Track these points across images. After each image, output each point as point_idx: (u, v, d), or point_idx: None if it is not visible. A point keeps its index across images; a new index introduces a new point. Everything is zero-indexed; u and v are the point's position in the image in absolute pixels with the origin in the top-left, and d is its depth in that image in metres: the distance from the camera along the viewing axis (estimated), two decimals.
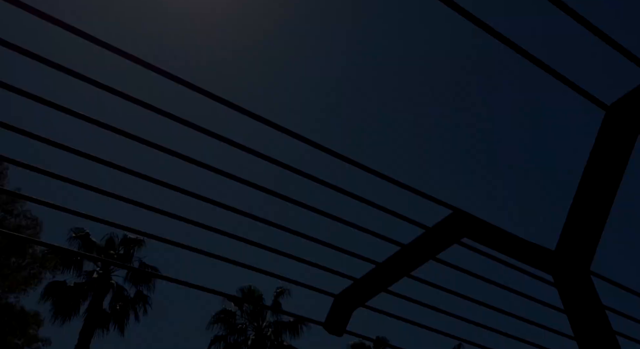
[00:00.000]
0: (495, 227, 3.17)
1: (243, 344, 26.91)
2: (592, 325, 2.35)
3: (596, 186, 2.49)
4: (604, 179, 2.47)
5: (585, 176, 2.56)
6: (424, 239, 3.52)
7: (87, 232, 24.98)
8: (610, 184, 2.48)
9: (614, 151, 2.45)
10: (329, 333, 3.96)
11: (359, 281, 3.85)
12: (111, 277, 24.96)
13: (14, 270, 22.14)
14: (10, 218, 22.02)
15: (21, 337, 21.69)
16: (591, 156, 2.55)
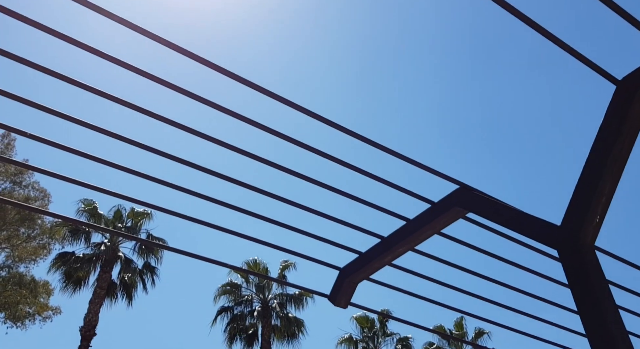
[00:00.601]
0: (500, 202, 3.17)
1: (249, 316, 27.37)
2: (596, 300, 2.37)
3: (604, 161, 2.47)
4: (613, 154, 2.45)
5: (594, 151, 2.54)
6: (429, 213, 3.53)
7: (95, 205, 25.22)
8: (618, 159, 2.46)
9: (623, 125, 2.42)
10: (333, 305, 4.01)
11: (364, 255, 3.88)
12: (119, 249, 25.30)
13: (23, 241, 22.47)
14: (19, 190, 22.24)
15: (32, 305, 22.14)
16: (600, 130, 2.52)
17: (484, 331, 33.89)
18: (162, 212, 3.31)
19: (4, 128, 2.77)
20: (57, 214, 3.48)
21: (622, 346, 2.28)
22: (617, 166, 2.47)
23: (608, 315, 2.33)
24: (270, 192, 3.43)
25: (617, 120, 2.44)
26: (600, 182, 2.47)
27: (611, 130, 2.46)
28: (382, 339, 32.18)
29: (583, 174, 2.57)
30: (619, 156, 2.45)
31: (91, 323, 22.27)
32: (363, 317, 32.03)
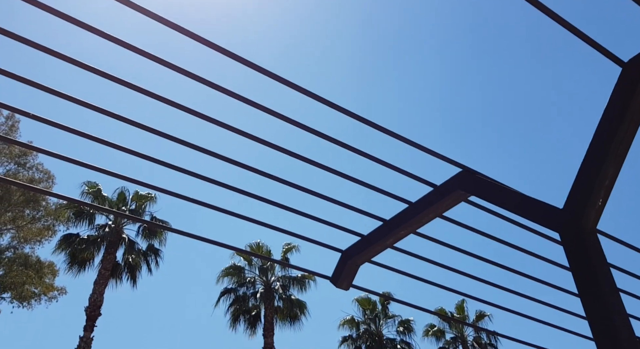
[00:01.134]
0: (503, 185, 3.17)
1: (252, 297, 27.64)
2: (597, 283, 2.38)
3: (608, 143, 2.46)
4: (617, 137, 2.44)
5: (598, 134, 2.53)
6: (432, 197, 3.53)
7: (99, 187, 25.33)
8: (622, 142, 2.45)
9: (628, 108, 2.41)
10: (335, 287, 4.05)
11: (366, 238, 3.90)
12: (123, 231, 25.47)
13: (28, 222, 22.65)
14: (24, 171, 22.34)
15: (38, 285, 22.41)
16: (605, 113, 2.51)
17: (485, 314, 34.17)
18: (165, 194, 3.32)
19: (7, 109, 2.77)
20: (63, 195, 3.50)
21: (622, 329, 2.29)
22: (621, 149, 2.46)
23: (608, 298, 2.34)
24: (273, 174, 3.43)
25: (622, 102, 2.43)
26: (603, 166, 2.46)
27: (616, 113, 2.45)
28: (384, 321, 32.50)
29: (586, 157, 2.56)
30: (623, 139, 2.44)
31: (96, 303, 22.54)
32: (365, 299, 32.31)
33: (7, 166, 22.34)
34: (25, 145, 3.26)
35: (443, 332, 34.46)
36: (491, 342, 34.35)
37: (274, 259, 26.26)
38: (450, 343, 34.37)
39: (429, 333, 34.20)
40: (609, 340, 2.28)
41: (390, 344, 31.64)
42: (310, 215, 3.65)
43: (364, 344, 31.54)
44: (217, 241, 3.56)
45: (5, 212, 21.73)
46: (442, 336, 34.36)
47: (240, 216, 3.53)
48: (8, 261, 21.95)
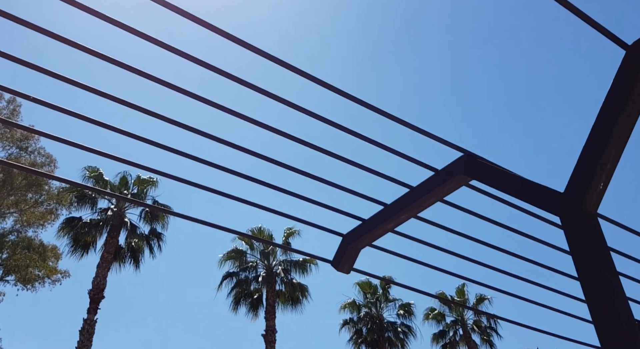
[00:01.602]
0: (504, 170, 3.17)
1: (254, 281, 27.84)
2: (596, 267, 2.39)
3: (611, 126, 2.45)
4: (620, 120, 2.43)
5: (600, 117, 2.52)
6: (433, 181, 3.53)
7: (101, 172, 25.38)
8: (625, 126, 2.44)
9: (632, 91, 2.39)
10: (336, 271, 4.07)
11: (366, 222, 3.91)
12: (125, 214, 25.57)
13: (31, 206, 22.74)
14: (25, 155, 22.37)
15: (41, 269, 22.59)
16: (608, 96, 2.49)
17: (485, 297, 34.41)
18: (167, 178, 3.32)
19: (8, 91, 2.76)
20: (66, 179, 3.51)
21: (621, 311, 2.31)
22: (623, 132, 2.45)
23: (608, 281, 2.36)
24: (274, 159, 3.43)
25: (626, 85, 2.41)
26: (605, 149, 2.45)
27: (619, 95, 2.43)
28: (385, 305, 32.77)
29: (588, 141, 2.56)
30: (625, 122, 2.43)
31: (99, 287, 22.74)
32: (366, 283, 32.54)
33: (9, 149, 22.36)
34: (27, 128, 3.26)
35: (443, 315, 34.75)
36: (491, 325, 34.67)
37: (276, 243, 26.38)
38: (450, 326, 34.68)
39: (430, 316, 34.50)
40: (608, 323, 2.30)
41: (391, 327, 31.94)
42: (311, 199, 3.66)
43: (364, 327, 31.85)
44: (219, 224, 3.58)
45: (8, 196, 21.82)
46: (442, 320, 34.67)
47: (242, 200, 3.54)
48: (11, 245, 22.11)
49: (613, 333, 2.27)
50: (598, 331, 2.34)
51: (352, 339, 31.79)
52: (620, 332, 2.25)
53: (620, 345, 2.23)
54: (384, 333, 31.47)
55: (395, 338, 31.61)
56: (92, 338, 21.48)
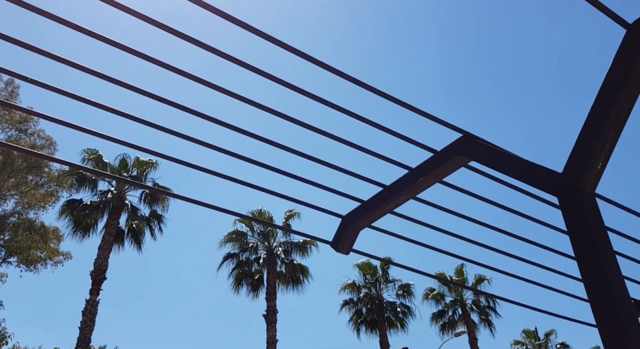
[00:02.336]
0: (503, 150, 3.17)
1: (254, 262, 28.04)
2: (594, 246, 2.41)
3: (610, 106, 2.44)
4: (619, 100, 2.42)
5: (600, 96, 2.51)
6: (432, 162, 3.54)
7: (100, 154, 25.36)
8: (624, 105, 2.43)
9: (632, 70, 2.38)
10: (336, 252, 4.10)
11: (366, 203, 3.92)
12: (125, 197, 25.62)
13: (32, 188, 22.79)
14: (25, 137, 22.34)
15: (43, 250, 22.75)
16: (608, 75, 2.47)
17: (484, 278, 34.71)
18: (167, 160, 3.33)
19: (5, 73, 2.75)
20: (68, 161, 3.50)
21: (617, 290, 2.33)
22: (622, 112, 2.44)
23: (605, 261, 2.38)
24: (273, 141, 3.43)
25: (626, 65, 2.39)
26: (604, 129, 2.45)
27: (619, 75, 2.42)
28: (384, 286, 33.08)
29: (587, 121, 2.55)
30: (625, 102, 2.42)
31: (101, 268, 22.92)
32: (366, 264, 32.79)
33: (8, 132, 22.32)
34: (27, 110, 3.25)
35: (442, 295, 35.10)
36: (490, 305, 35.04)
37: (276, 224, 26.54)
38: (449, 306, 35.05)
39: (429, 296, 34.85)
40: (604, 301, 2.33)
41: (391, 307, 32.29)
42: (310, 181, 3.67)
43: (364, 307, 32.19)
44: (219, 206, 3.59)
45: (8, 178, 21.84)
46: (441, 300, 35.03)
47: (242, 182, 3.54)
48: (13, 226, 22.22)
49: (609, 311, 2.30)
50: (594, 309, 2.37)
51: (352, 320, 32.17)
52: (616, 311, 2.28)
53: (615, 323, 2.27)
54: (384, 313, 31.82)
55: (394, 317, 31.98)
56: (94, 318, 21.73)
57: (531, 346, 40.32)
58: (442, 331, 34.24)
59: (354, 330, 31.96)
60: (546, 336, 40.53)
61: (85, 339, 20.91)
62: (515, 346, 40.50)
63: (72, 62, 2.77)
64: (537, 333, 40.75)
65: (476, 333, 33.97)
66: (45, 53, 2.69)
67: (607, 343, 2.28)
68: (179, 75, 2.97)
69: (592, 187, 2.52)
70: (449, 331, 33.84)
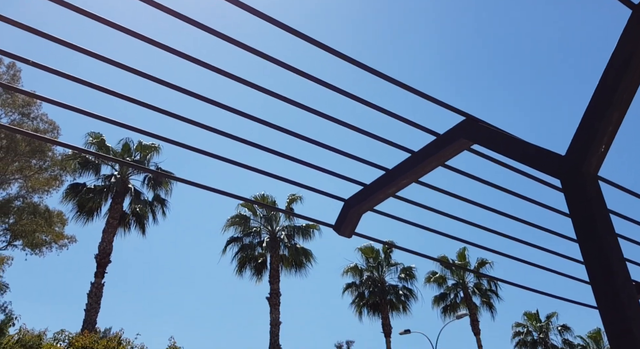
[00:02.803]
0: (506, 133, 3.16)
1: (258, 246, 28.20)
2: (595, 229, 2.41)
3: (615, 88, 2.43)
4: (624, 81, 2.39)
5: (604, 78, 2.48)
6: (435, 145, 3.53)
7: (103, 138, 25.37)
8: (629, 87, 2.41)
9: (636, 53, 2.35)
10: (338, 235, 4.12)
11: (368, 187, 3.93)
12: (129, 181, 25.70)
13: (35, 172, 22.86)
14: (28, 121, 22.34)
15: (48, 234, 22.90)
16: (612, 56, 2.45)
17: (486, 261, 34.90)
18: (170, 143, 3.33)
19: (6, 55, 2.74)
20: (71, 145, 3.50)
21: (618, 273, 2.34)
22: (626, 94, 2.42)
23: (606, 243, 2.38)
24: (276, 124, 3.42)
25: (631, 46, 2.36)
26: (608, 111, 2.43)
27: (624, 57, 2.39)
28: (387, 269, 33.29)
29: (591, 102, 2.53)
30: (629, 84, 2.40)
31: (105, 251, 23.10)
32: (368, 248, 32.96)
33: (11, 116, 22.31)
34: (30, 93, 3.25)
35: (444, 279, 35.34)
36: (491, 288, 35.26)
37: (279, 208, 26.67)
38: (451, 289, 35.30)
39: (431, 279, 35.08)
40: (605, 284, 2.34)
41: (393, 290, 32.54)
42: (313, 165, 3.67)
43: (367, 290, 32.45)
44: (222, 190, 3.60)
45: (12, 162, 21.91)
46: (443, 283, 35.27)
47: (244, 165, 3.55)
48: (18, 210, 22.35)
49: (610, 293, 2.31)
50: (595, 291, 2.38)
51: (354, 302, 32.45)
52: (617, 293, 2.29)
53: (616, 305, 2.28)
54: (386, 296, 32.07)
55: (396, 300, 32.24)
56: (100, 300, 21.97)
57: (532, 328, 40.67)
58: (443, 313, 34.54)
59: (356, 313, 32.28)
60: (547, 318, 40.85)
61: (91, 322, 21.17)
62: (516, 328, 40.87)
63: (74, 45, 2.76)
64: (539, 316, 41.07)
65: (477, 316, 34.28)
66: (46, 35, 2.68)
67: (608, 325, 2.30)
68: (181, 58, 2.96)
69: (595, 170, 2.52)
70: (450, 314, 34.13)
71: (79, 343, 14.76)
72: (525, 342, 40.11)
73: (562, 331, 40.47)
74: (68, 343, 15.09)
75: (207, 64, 3.01)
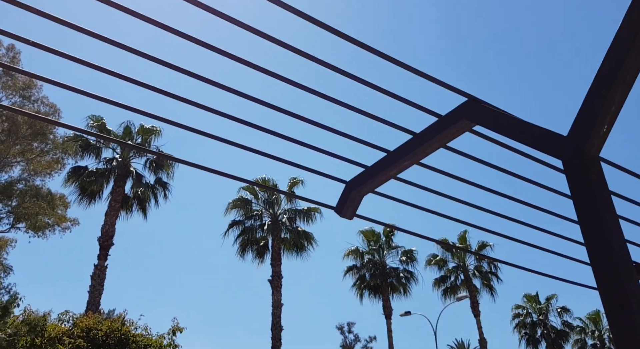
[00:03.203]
0: (507, 114, 3.14)
1: (259, 229, 28.32)
2: (596, 210, 2.41)
3: (617, 69, 2.40)
4: (627, 62, 2.37)
5: (607, 58, 2.46)
6: (436, 127, 3.51)
7: (104, 121, 25.32)
8: (632, 67, 2.38)
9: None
10: (339, 216, 4.13)
11: (369, 169, 3.93)
12: (130, 164, 25.72)
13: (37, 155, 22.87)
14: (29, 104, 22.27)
15: (51, 216, 22.99)
16: (616, 37, 2.42)
17: (487, 244, 35.07)
18: (171, 125, 3.32)
19: (6, 35, 2.72)
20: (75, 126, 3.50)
21: (618, 254, 2.35)
22: (630, 75, 2.40)
23: (607, 225, 2.38)
24: (277, 106, 3.41)
25: (635, 25, 2.34)
26: (611, 91, 2.41)
27: (628, 35, 2.36)
28: (388, 252, 33.47)
29: (594, 83, 2.51)
30: (633, 64, 2.37)
31: (108, 234, 23.22)
32: (369, 231, 33.09)
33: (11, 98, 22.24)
34: (31, 74, 3.23)
35: (445, 261, 35.55)
36: (492, 270, 35.48)
37: (281, 190, 26.61)
38: (452, 271, 35.53)
39: (432, 262, 35.30)
40: (606, 265, 2.34)
41: (394, 273, 32.75)
42: (314, 146, 3.66)
43: (368, 273, 32.67)
44: (224, 172, 3.60)
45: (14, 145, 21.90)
46: (444, 266, 35.49)
47: (245, 147, 3.54)
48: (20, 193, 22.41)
49: (610, 274, 2.32)
50: (595, 272, 2.39)
51: (355, 285, 32.71)
52: (617, 274, 2.30)
53: (616, 286, 2.29)
54: (387, 279, 32.30)
55: (397, 283, 32.48)
56: (103, 282, 22.16)
57: (532, 310, 41.02)
58: (444, 295, 34.82)
59: (357, 295, 32.56)
60: (547, 300, 41.18)
61: (95, 303, 21.40)
62: (516, 310, 41.23)
63: (74, 25, 2.73)
64: (538, 298, 41.39)
65: (478, 298, 34.55)
66: (45, 14, 2.65)
67: (607, 306, 2.31)
68: (182, 39, 2.93)
69: (597, 151, 2.51)
70: (451, 296, 34.42)
71: (83, 323, 14.94)
72: (524, 324, 40.51)
73: (562, 313, 40.85)
74: (72, 323, 15.28)
75: (207, 44, 2.98)
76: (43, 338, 14.14)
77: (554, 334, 39.53)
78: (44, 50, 2.75)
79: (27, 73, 3.21)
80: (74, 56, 2.85)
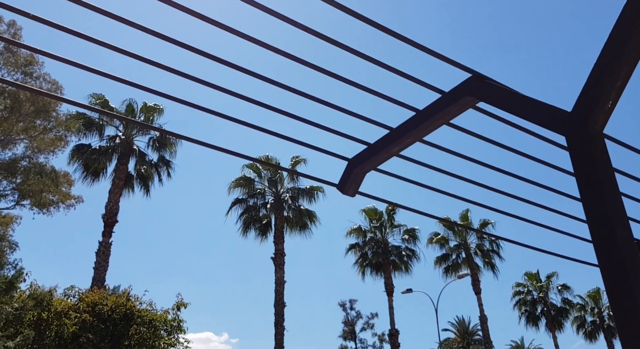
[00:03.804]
0: (511, 90, 3.11)
1: (262, 207, 28.45)
2: (599, 187, 2.40)
3: (624, 44, 2.37)
4: (634, 36, 2.33)
5: (614, 33, 2.42)
6: (440, 104, 3.49)
7: (106, 99, 25.24)
8: (638, 44, 2.35)
9: None
10: (342, 194, 4.14)
11: (372, 146, 3.91)
12: (133, 142, 25.72)
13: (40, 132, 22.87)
14: (31, 81, 22.17)
15: (55, 194, 23.11)
16: (622, 12, 2.38)
17: (489, 222, 35.20)
18: (174, 101, 3.30)
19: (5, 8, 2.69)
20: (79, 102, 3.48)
21: (619, 231, 2.35)
22: (636, 50, 2.36)
23: (609, 202, 2.38)
24: (279, 82, 3.38)
25: None
26: (616, 67, 2.38)
27: (635, 11, 2.32)
28: (390, 230, 33.65)
29: (600, 58, 2.47)
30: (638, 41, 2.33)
31: (112, 211, 23.39)
32: (371, 209, 33.22)
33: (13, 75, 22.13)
34: (32, 48, 3.21)
35: (447, 240, 35.75)
36: (493, 249, 35.69)
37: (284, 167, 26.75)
38: (453, 249, 35.76)
39: (433, 240, 35.51)
40: (607, 242, 2.35)
41: (396, 251, 32.98)
42: (316, 123, 3.65)
43: (370, 251, 32.92)
44: (227, 148, 3.59)
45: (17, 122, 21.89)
46: (445, 244, 35.71)
47: (247, 123, 3.53)
48: (24, 170, 22.49)
49: (611, 252, 2.33)
50: (597, 250, 2.39)
51: (357, 263, 33.00)
52: (618, 251, 2.30)
53: (617, 264, 2.29)
54: (389, 257, 32.55)
55: (399, 261, 32.74)
56: (108, 259, 22.42)
57: (532, 287, 41.38)
58: (445, 273, 35.13)
59: (359, 273, 32.87)
60: (547, 278, 41.51)
61: (100, 279, 21.67)
62: (516, 288, 41.61)
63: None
64: (539, 275, 41.72)
65: (479, 276, 34.84)
66: None
67: (608, 283, 2.32)
68: (185, 14, 2.90)
69: (601, 127, 2.49)
70: (452, 274, 34.72)
71: (89, 298, 15.16)
72: (525, 301, 40.93)
73: (562, 291, 41.21)
74: (78, 298, 15.50)
75: (208, 18, 2.95)
76: (49, 312, 14.37)
77: (554, 312, 39.96)
78: (43, 24, 2.72)
79: (30, 47, 3.18)
80: (74, 30, 2.82)
